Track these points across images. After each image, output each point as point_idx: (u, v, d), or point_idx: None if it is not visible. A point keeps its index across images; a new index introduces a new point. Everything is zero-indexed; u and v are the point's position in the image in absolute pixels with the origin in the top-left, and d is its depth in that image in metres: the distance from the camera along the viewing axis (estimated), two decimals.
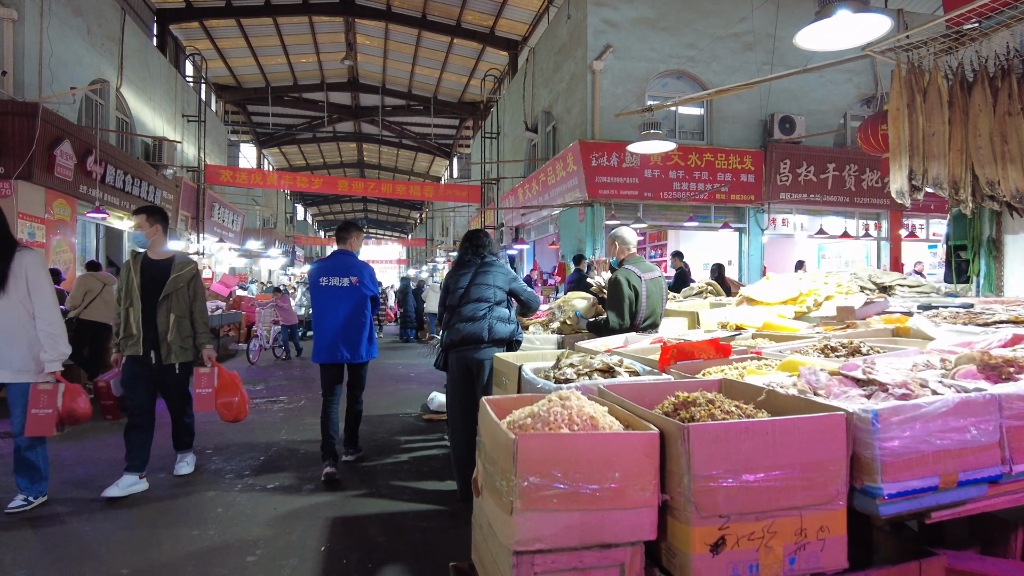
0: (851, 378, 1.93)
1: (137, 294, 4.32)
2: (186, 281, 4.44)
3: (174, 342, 4.35)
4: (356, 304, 4.77)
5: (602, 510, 1.46)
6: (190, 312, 4.46)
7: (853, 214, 13.57)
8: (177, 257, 4.52)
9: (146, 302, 4.33)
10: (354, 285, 4.76)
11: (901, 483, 1.61)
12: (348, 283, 4.75)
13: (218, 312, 11.96)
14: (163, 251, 4.52)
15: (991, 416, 1.71)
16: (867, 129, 5.60)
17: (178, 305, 4.38)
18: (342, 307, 4.73)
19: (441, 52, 19.89)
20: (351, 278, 4.75)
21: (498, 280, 4.13)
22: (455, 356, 4.11)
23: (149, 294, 4.34)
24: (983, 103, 4.35)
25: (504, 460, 1.47)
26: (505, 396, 1.95)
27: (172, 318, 4.35)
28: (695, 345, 2.78)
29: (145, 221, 4.43)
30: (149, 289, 4.35)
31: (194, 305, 4.49)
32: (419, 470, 4.84)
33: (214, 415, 4.64)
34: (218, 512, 3.92)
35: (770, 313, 4.17)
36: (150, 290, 4.35)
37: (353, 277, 4.76)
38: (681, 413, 1.76)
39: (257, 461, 5.04)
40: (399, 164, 33.63)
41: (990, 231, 4.99)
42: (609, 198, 11.84)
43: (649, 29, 12.16)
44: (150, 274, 4.38)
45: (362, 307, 4.80)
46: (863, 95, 13.47)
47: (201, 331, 4.52)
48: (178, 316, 4.37)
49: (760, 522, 1.54)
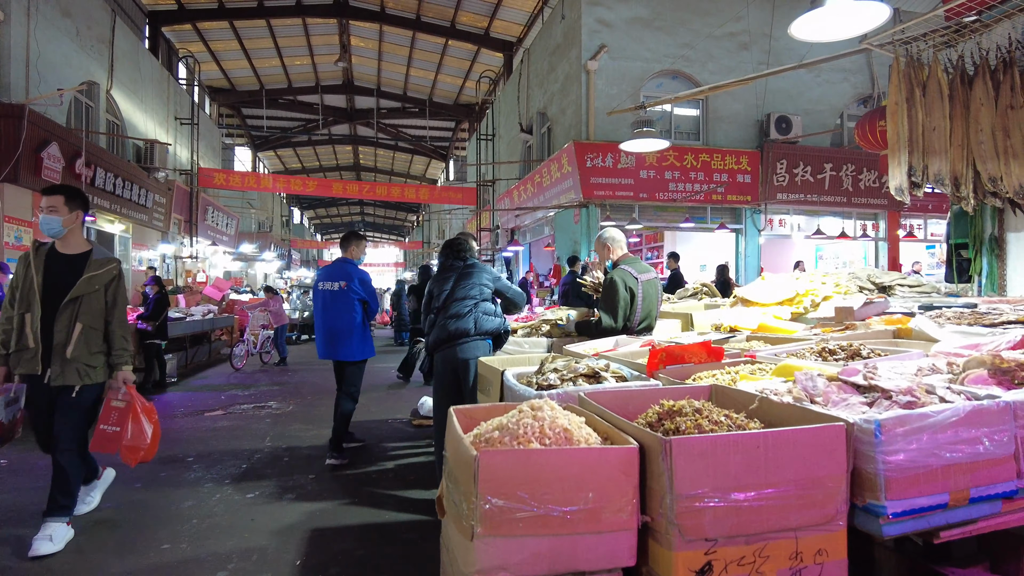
0: (851, 384, 1.78)
1: (37, 297, 3.39)
2: (104, 283, 3.52)
3: (77, 358, 3.42)
4: (344, 306, 5.18)
5: (575, 534, 1.31)
6: (105, 323, 3.55)
7: (851, 214, 13.44)
8: (95, 252, 3.60)
9: (48, 307, 3.42)
10: (343, 289, 5.18)
11: (907, 500, 1.46)
12: (338, 287, 5.20)
13: (210, 316, 11.80)
14: (78, 244, 3.59)
15: (1006, 426, 1.56)
16: (865, 125, 5.47)
17: (88, 312, 3.46)
18: (332, 309, 5.19)
19: (436, 54, 19.77)
20: (340, 282, 5.20)
21: (482, 279, 4.14)
22: (440, 357, 4.04)
23: (53, 297, 3.43)
24: (984, 97, 4.21)
25: (465, 479, 1.32)
26: (476, 405, 1.81)
27: (78, 328, 3.42)
28: (686, 348, 2.63)
29: (63, 204, 3.50)
30: (54, 291, 3.43)
31: (112, 314, 3.56)
32: (405, 478, 4.69)
33: (199, 420, 4.47)
34: (192, 524, 3.76)
35: (766, 314, 4.02)
36: (55, 292, 3.43)
37: (342, 282, 5.19)
38: (665, 424, 1.61)
39: (239, 469, 4.88)
40: (395, 167, 33.49)
41: (992, 229, 4.85)
42: (604, 199, 11.70)
43: (644, 29, 12.03)
44: (56, 271, 3.47)
45: (349, 308, 5.17)
46: (860, 94, 13.35)
47: (119, 347, 3.58)
48: (87, 326, 3.45)
49: (751, 545, 1.39)
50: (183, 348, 10.56)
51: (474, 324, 3.98)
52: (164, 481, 4.60)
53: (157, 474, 4.75)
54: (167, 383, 9.06)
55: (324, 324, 5.18)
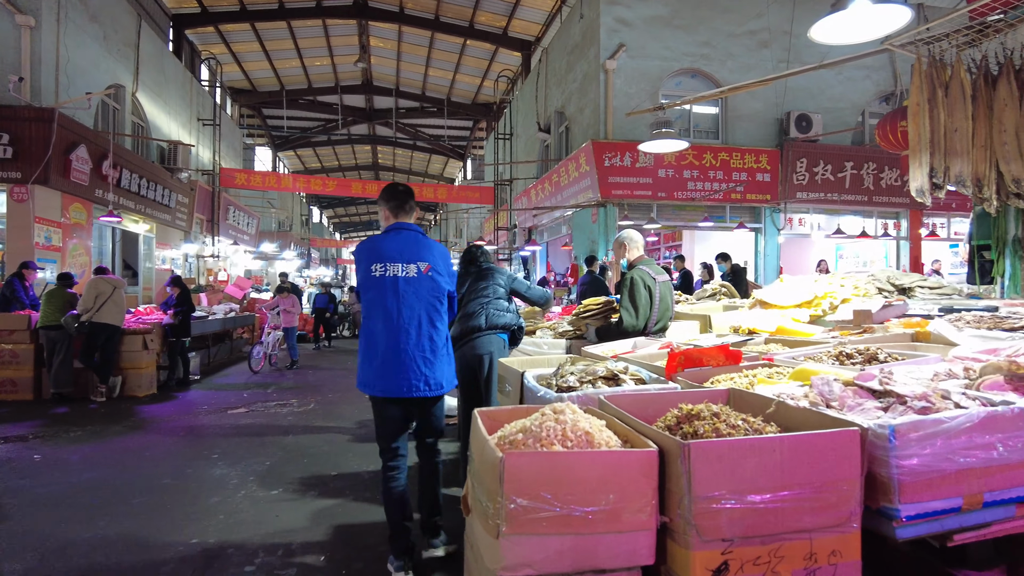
0: (867, 389, 1.81)
1: None
2: None
3: None
4: (428, 304, 3.38)
5: (596, 533, 1.37)
6: None
7: (872, 213, 13.29)
8: None
9: None
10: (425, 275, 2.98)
11: (921, 504, 1.50)
12: (416, 272, 3.25)
13: (232, 314, 12.00)
14: None
15: (1020, 431, 1.59)
16: (886, 126, 5.44)
17: None
18: (409, 309, 3.08)
19: (454, 54, 19.85)
20: (422, 264, 3.31)
21: (497, 280, 4.29)
22: (459, 355, 4.14)
23: None
24: (1009, 97, 4.18)
25: (491, 480, 1.38)
26: (499, 408, 1.86)
27: None
28: (704, 351, 2.67)
29: None
30: None
31: None
32: None
33: (223, 418, 4.58)
34: (219, 519, 3.87)
35: (784, 317, 4.04)
36: None
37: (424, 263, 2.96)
38: (684, 427, 1.66)
39: (263, 466, 4.99)
40: (413, 166, 33.66)
41: (1016, 230, 4.81)
42: (622, 198, 11.70)
43: (663, 27, 12.00)
44: None
45: (436, 308, 3.67)
46: (882, 92, 13.19)
47: None
48: None
49: (767, 546, 1.43)
50: (206, 346, 10.75)
51: (485, 319, 4.13)
52: (190, 477, 4.73)
53: (183, 470, 4.88)
54: (191, 381, 9.24)
55: (392, 337, 3.06)
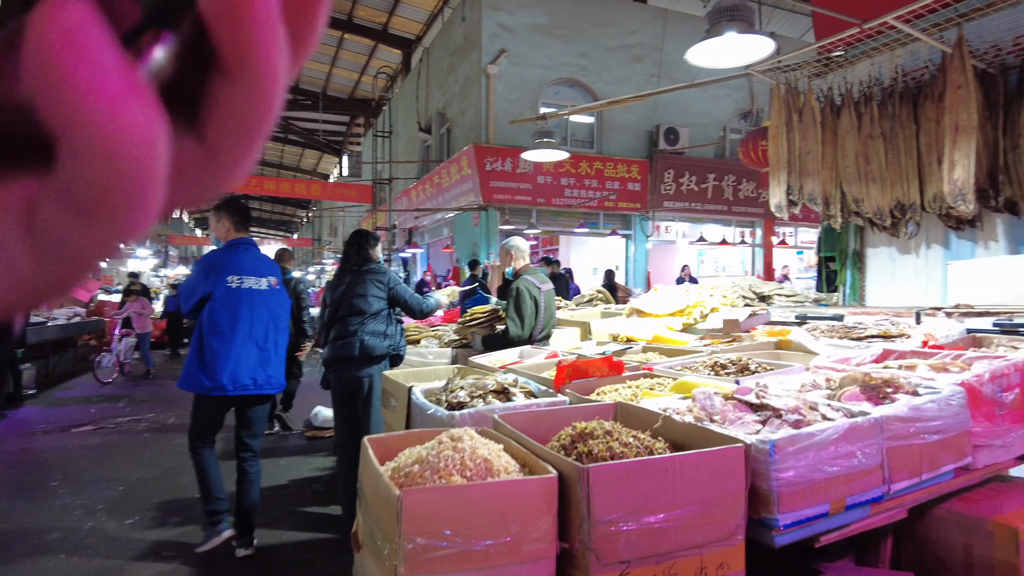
0: (745, 402, 1.92)
1: None
2: None
3: None
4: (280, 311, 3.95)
5: (496, 567, 1.33)
6: None
7: (731, 222, 14.39)
8: None
9: None
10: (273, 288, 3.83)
11: (795, 512, 1.60)
12: (267, 285, 3.75)
13: (76, 319, 10.76)
14: None
15: (875, 439, 1.74)
16: (748, 144, 5.88)
17: None
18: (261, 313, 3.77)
19: (331, 47, 19.13)
20: (270, 279, 3.83)
21: (372, 289, 3.87)
22: (334, 375, 3.89)
23: None
24: (849, 125, 4.66)
25: (387, 518, 1.30)
26: (391, 435, 1.78)
27: None
28: (589, 363, 2.72)
29: None
30: None
31: None
32: (300, 494, 4.51)
33: (65, 438, 4.08)
34: (60, 560, 3.42)
35: (659, 325, 4.23)
36: None
37: (272, 278, 3.85)
38: (579, 446, 1.66)
39: (115, 492, 4.50)
40: (284, 160, 32.11)
41: (855, 244, 5.38)
42: (504, 203, 11.83)
43: (543, 36, 12.27)
44: None
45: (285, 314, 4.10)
46: (741, 109, 14.33)
47: None
48: None
49: (661, 564, 1.46)
50: (44, 356, 9.57)
51: (359, 347, 3.74)
52: (22, 511, 4.14)
53: (14, 503, 4.28)
54: (23, 396, 8.14)
55: (243, 341, 3.49)
